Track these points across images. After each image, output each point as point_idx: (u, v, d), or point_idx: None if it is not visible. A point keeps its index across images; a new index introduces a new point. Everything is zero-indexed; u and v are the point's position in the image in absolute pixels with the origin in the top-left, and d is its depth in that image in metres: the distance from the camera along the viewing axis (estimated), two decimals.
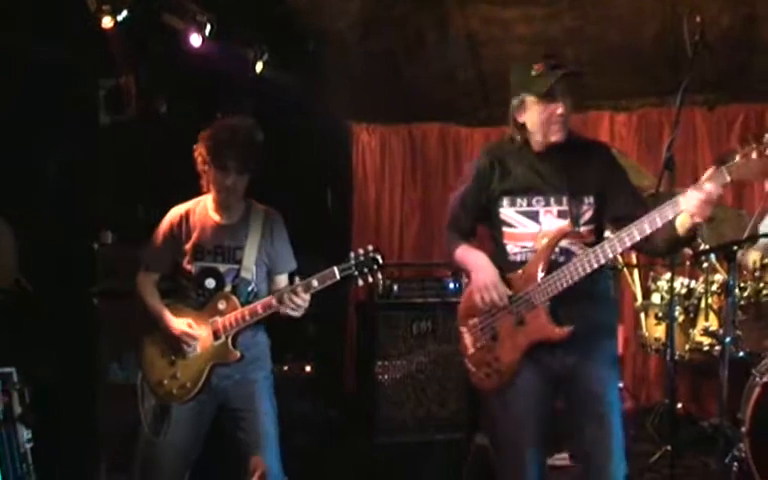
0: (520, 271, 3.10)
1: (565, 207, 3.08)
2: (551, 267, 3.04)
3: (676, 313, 4.88)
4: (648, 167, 5.47)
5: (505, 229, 3.15)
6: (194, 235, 3.60)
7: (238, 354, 3.51)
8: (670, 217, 2.85)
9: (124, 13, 4.62)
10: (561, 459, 4.56)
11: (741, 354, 4.73)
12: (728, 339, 4.38)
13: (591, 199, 3.09)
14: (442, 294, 5.61)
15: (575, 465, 3.25)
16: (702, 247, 4.72)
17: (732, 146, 5.75)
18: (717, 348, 4.78)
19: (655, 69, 5.82)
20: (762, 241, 4.64)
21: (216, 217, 3.63)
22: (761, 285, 4.53)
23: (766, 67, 5.76)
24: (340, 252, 3.48)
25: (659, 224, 2.86)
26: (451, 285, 5.66)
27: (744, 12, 5.49)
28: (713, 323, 4.87)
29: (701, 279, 4.93)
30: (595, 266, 2.97)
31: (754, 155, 2.74)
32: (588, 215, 3.09)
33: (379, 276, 3.56)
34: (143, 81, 5.07)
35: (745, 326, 4.73)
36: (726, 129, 6.15)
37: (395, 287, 5.56)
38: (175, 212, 3.68)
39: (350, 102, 6.47)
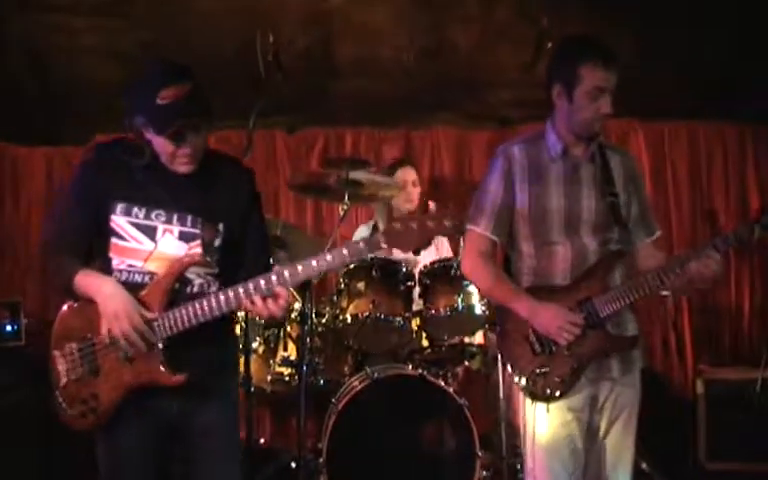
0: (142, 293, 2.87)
1: (190, 228, 2.91)
2: (173, 299, 2.86)
3: (255, 344, 4.89)
4: None
5: (114, 239, 2.89)
6: None
7: None
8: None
9: None
10: None
11: (322, 383, 4.91)
12: (305, 368, 4.56)
13: (221, 226, 2.96)
14: None
15: None
16: None
17: (313, 169, 6.09)
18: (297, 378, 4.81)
19: (235, 89, 5.84)
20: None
21: None
22: (338, 311, 4.70)
23: (343, 91, 6.03)
24: None
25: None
26: (9, 328, 5.24)
27: (320, 34, 5.70)
28: (292, 352, 4.95)
29: None
30: (225, 310, 2.83)
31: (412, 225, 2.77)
32: (217, 243, 2.96)
33: None
34: None
35: (324, 354, 4.94)
36: (306, 152, 6.37)
37: None
38: None
39: None
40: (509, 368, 3.25)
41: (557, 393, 3.16)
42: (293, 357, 4.94)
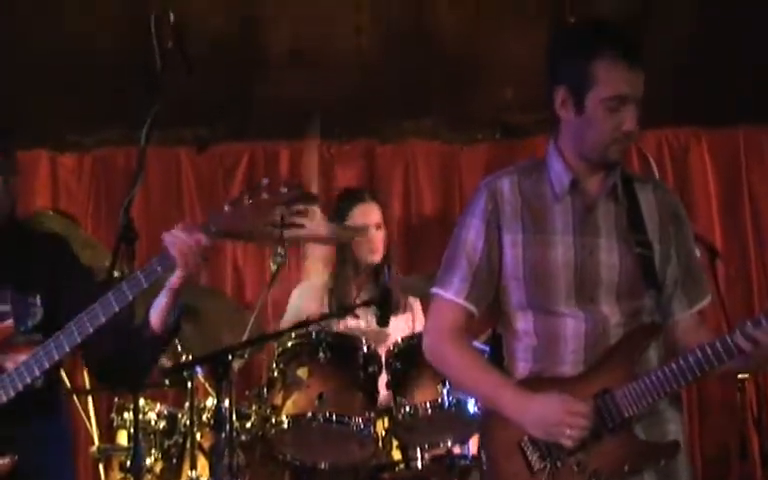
0: None
1: (5, 306, 3.29)
2: None
3: (150, 460, 4.93)
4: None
5: None
6: None
7: None
8: (133, 294, 3.21)
9: None
10: None
11: None
12: None
13: (38, 299, 3.31)
14: None
15: None
16: (184, 357, 4.83)
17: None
18: None
19: (120, 89, 5.89)
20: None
21: None
22: (269, 411, 4.71)
23: (277, 90, 6.14)
24: None
25: (115, 308, 3.20)
26: None
27: (244, 13, 5.84)
28: (204, 472, 4.94)
29: (187, 406, 5.00)
30: (37, 374, 3.19)
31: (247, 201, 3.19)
32: (38, 319, 3.30)
33: None
34: None
35: (250, 472, 4.93)
36: (224, 176, 6.49)
37: None
38: None
39: None
40: None
41: None
42: (205, 478, 4.93)
